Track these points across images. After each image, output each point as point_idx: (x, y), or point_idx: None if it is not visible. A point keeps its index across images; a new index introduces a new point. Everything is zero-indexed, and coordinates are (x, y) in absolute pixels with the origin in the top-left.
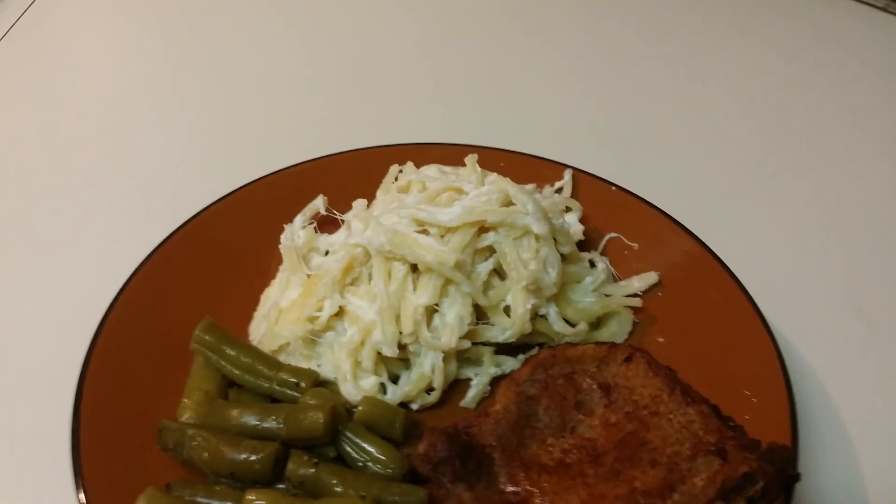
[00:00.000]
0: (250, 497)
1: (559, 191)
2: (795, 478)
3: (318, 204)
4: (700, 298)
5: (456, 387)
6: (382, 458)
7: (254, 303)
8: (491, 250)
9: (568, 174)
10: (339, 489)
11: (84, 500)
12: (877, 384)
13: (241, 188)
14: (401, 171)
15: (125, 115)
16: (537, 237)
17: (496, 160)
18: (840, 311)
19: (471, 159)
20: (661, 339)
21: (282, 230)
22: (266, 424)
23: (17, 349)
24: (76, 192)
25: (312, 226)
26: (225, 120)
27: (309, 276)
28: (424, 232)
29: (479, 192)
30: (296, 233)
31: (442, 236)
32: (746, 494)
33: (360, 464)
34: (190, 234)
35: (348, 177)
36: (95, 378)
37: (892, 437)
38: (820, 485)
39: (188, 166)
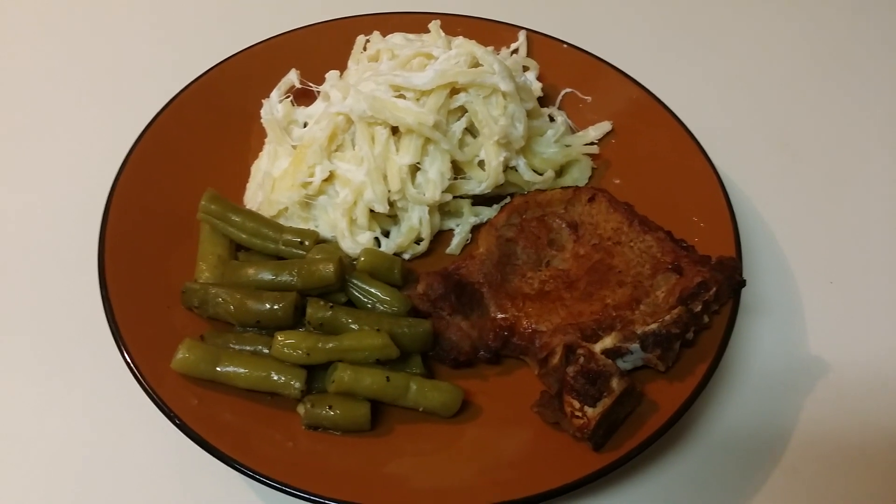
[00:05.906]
0: (280, 337)
1: (515, 52)
2: (742, 283)
3: (292, 77)
4: (649, 141)
5: (440, 237)
6: (388, 298)
7: (241, 175)
8: (463, 110)
9: (522, 35)
10: (354, 326)
11: (129, 359)
12: (800, 203)
13: (212, 68)
14: (368, 41)
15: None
16: (504, 94)
17: (454, 26)
18: (769, 147)
19: (434, 25)
20: (617, 181)
21: (258, 106)
22: (281, 278)
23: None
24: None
25: (289, 99)
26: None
27: (294, 146)
28: (401, 96)
29: (449, 55)
30: (274, 107)
31: (418, 99)
32: (702, 299)
33: (369, 305)
34: (173, 115)
35: (316, 50)
36: (112, 254)
37: (816, 242)
38: (759, 288)
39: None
